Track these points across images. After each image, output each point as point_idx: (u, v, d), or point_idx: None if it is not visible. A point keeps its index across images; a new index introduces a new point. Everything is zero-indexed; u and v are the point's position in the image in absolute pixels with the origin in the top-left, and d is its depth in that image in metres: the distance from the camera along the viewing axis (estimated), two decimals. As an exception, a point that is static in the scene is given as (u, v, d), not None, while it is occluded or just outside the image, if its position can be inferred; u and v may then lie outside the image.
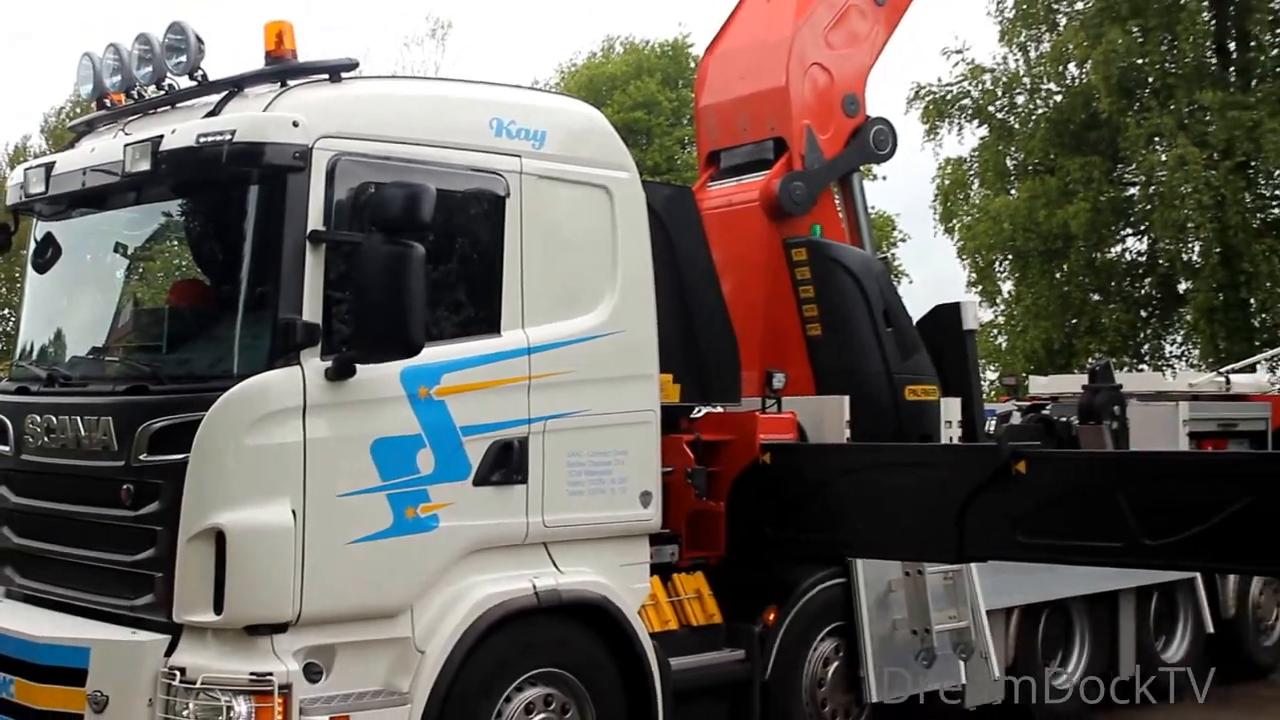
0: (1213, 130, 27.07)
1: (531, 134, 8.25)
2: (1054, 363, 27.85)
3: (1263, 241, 27.37)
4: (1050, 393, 14.37)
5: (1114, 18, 28.89)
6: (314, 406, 7.19)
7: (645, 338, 8.64)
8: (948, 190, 32.07)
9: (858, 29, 11.58)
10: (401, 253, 7.06)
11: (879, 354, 10.75)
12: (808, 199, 11.01)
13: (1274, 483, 7.76)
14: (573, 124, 8.72)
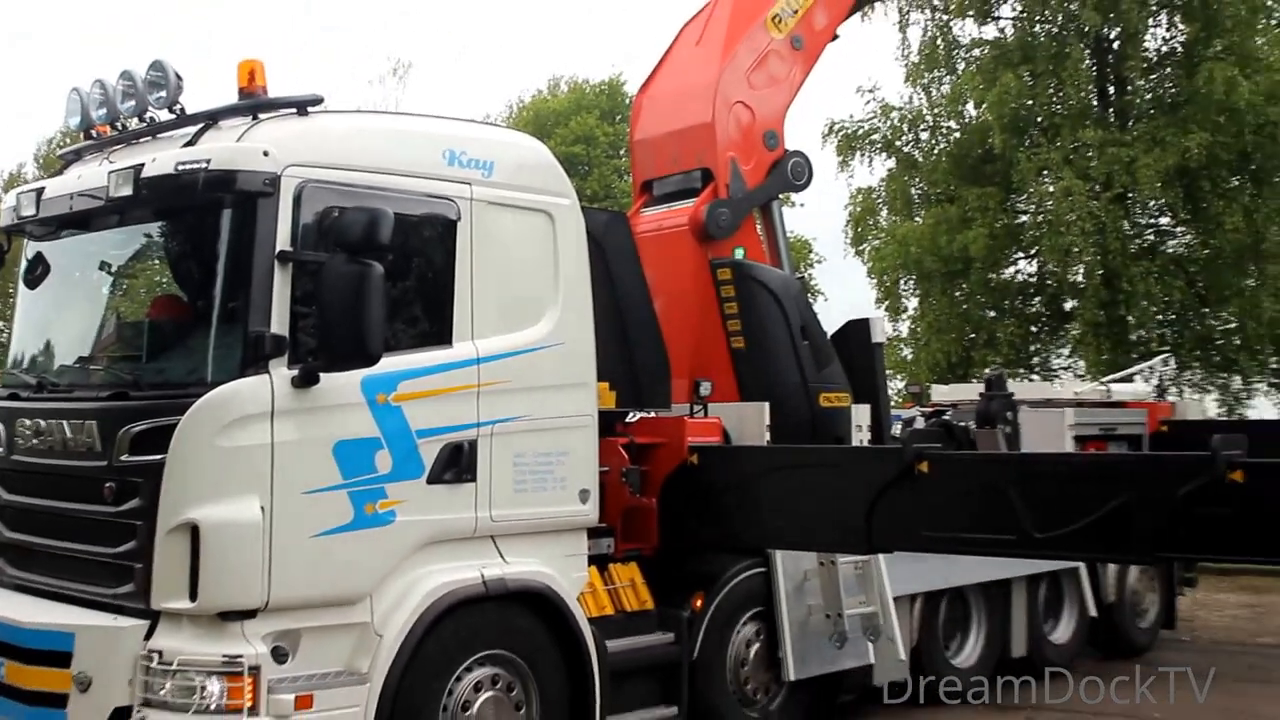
0: (1094, 165, 27.24)
1: (481, 164, 8.28)
2: (954, 373, 27.90)
3: (1139, 265, 27.56)
4: (950, 400, 14.46)
5: (1007, 63, 29.08)
6: (281, 411, 7.18)
7: (584, 349, 8.65)
8: (859, 217, 32.11)
9: (777, 71, 11.64)
10: (362, 271, 7.10)
11: (796, 365, 10.80)
12: (732, 224, 11.06)
13: (1148, 481, 7.83)
14: (518, 155, 8.74)
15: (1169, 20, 29.99)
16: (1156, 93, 29.68)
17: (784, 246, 11.75)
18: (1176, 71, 29.16)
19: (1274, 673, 13.47)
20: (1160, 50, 30.09)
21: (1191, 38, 28.95)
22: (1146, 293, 27.23)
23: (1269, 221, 27.53)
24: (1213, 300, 28.68)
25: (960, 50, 31.11)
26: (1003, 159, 28.49)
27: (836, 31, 12.42)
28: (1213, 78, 26.71)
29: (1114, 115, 29.37)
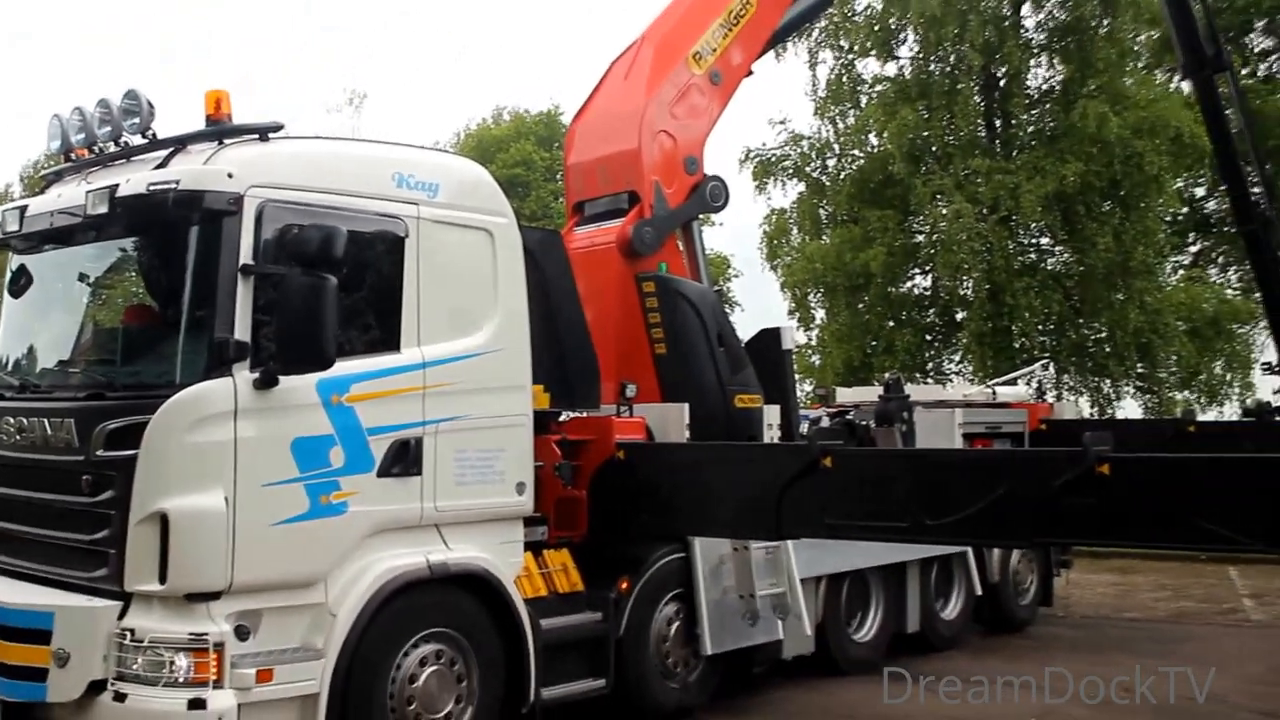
0: (982, 190, 27.52)
1: (427, 186, 8.29)
2: (856, 377, 27.99)
3: (1021, 280, 27.87)
4: (853, 401, 14.49)
5: (905, 98, 29.36)
6: (243, 411, 7.17)
7: (520, 355, 8.67)
8: (772, 235, 32.21)
9: (697, 103, 11.66)
10: (317, 283, 7.13)
11: (713, 369, 10.82)
12: (656, 242, 11.08)
13: (1027, 474, 7.95)
14: (461, 178, 8.76)
15: (1048, 61, 30.44)
16: (1037, 126, 30.06)
17: (703, 262, 11.78)
18: (1055, 107, 29.54)
19: (1136, 643, 13.68)
20: (1041, 88, 30.54)
21: (1068, 77, 29.38)
22: (1028, 305, 27.58)
23: (1136, 242, 27.97)
24: (1086, 312, 29.08)
25: (863, 86, 31.35)
26: (901, 184, 28.75)
27: (751, 68, 12.46)
28: (1087, 113, 27.14)
29: (1000, 146, 29.74)
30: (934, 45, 29.32)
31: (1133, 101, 28.18)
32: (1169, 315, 28.38)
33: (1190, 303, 29.52)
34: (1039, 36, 30.34)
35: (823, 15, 25.10)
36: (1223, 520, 7.05)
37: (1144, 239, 28.31)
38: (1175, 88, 28.76)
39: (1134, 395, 30.70)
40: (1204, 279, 32.95)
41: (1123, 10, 28.46)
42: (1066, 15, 29.48)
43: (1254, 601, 16.78)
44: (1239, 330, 30.30)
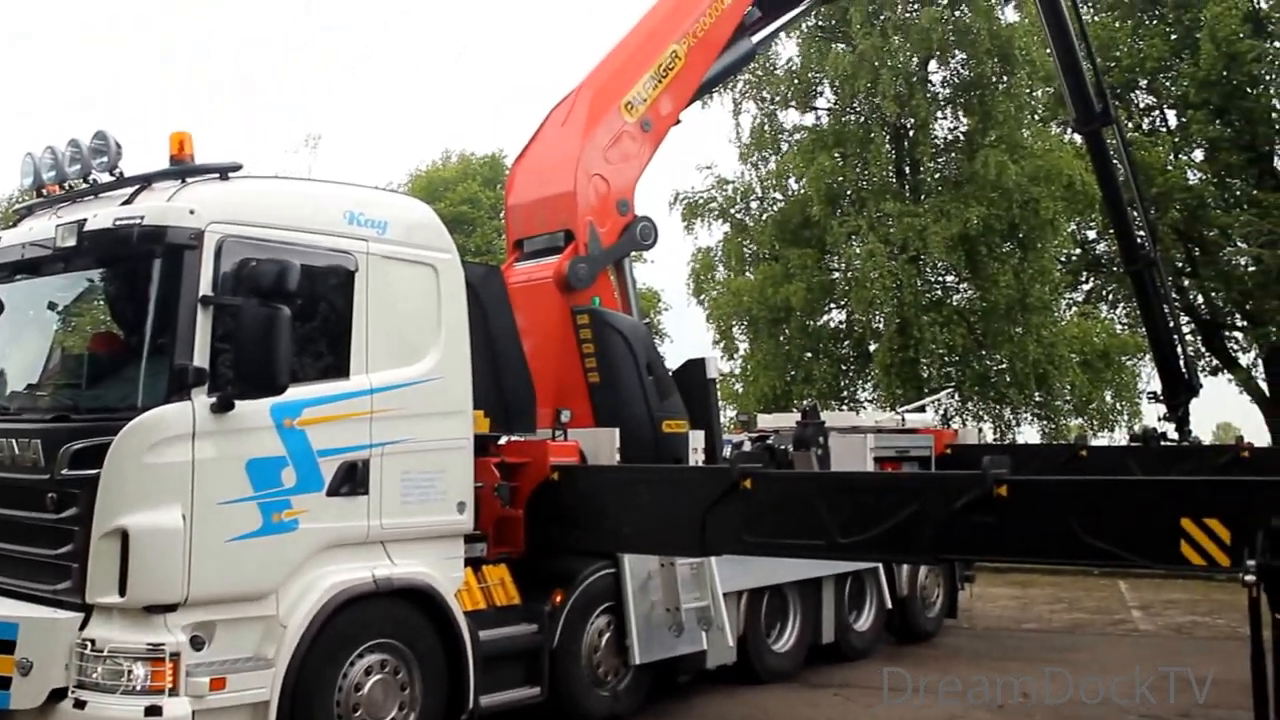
0: (893, 231, 27.86)
1: (376, 223, 8.32)
2: (777, 404, 28.19)
3: (929, 315, 28.23)
4: (774, 427, 14.58)
5: (822, 146, 29.72)
6: (201, 433, 7.16)
7: (462, 382, 8.70)
8: (699, 272, 32.41)
9: (629, 149, 11.74)
10: (272, 314, 7.16)
11: (643, 397, 10.87)
12: (589, 277, 11.14)
13: (931, 495, 8.03)
14: (409, 216, 8.79)
15: (953, 114, 30.98)
16: (943, 173, 30.54)
17: (633, 296, 11.85)
18: (959, 156, 30.03)
19: (1034, 651, 13.86)
20: (946, 138, 31.07)
21: (971, 129, 29.92)
22: (934, 338, 27.92)
23: (1033, 280, 28.47)
24: (988, 345, 29.46)
25: (784, 134, 31.70)
26: (819, 225, 29.04)
27: (680, 117, 12.56)
28: (988, 162, 27.62)
29: (909, 190, 30.15)
30: (849, 97, 29.69)
31: (1029, 151, 28.74)
32: (1064, 348, 28.90)
33: (1083, 337, 30.11)
34: (944, 91, 30.92)
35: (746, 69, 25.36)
36: (1109, 537, 7.20)
37: (1040, 277, 28.84)
38: (1067, 139, 29.33)
39: (1032, 422, 31.16)
40: (1095, 315, 33.58)
41: (1020, 68, 29.05)
42: (969, 72, 30.04)
43: (1142, 612, 17.06)
44: (1127, 362, 30.91)
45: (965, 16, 29.37)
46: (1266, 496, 6.82)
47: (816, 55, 30.16)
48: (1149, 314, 19.71)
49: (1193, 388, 19.14)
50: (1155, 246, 19.60)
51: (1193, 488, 7.54)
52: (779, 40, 28.68)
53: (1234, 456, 14.43)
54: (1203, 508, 6.92)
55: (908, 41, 28.96)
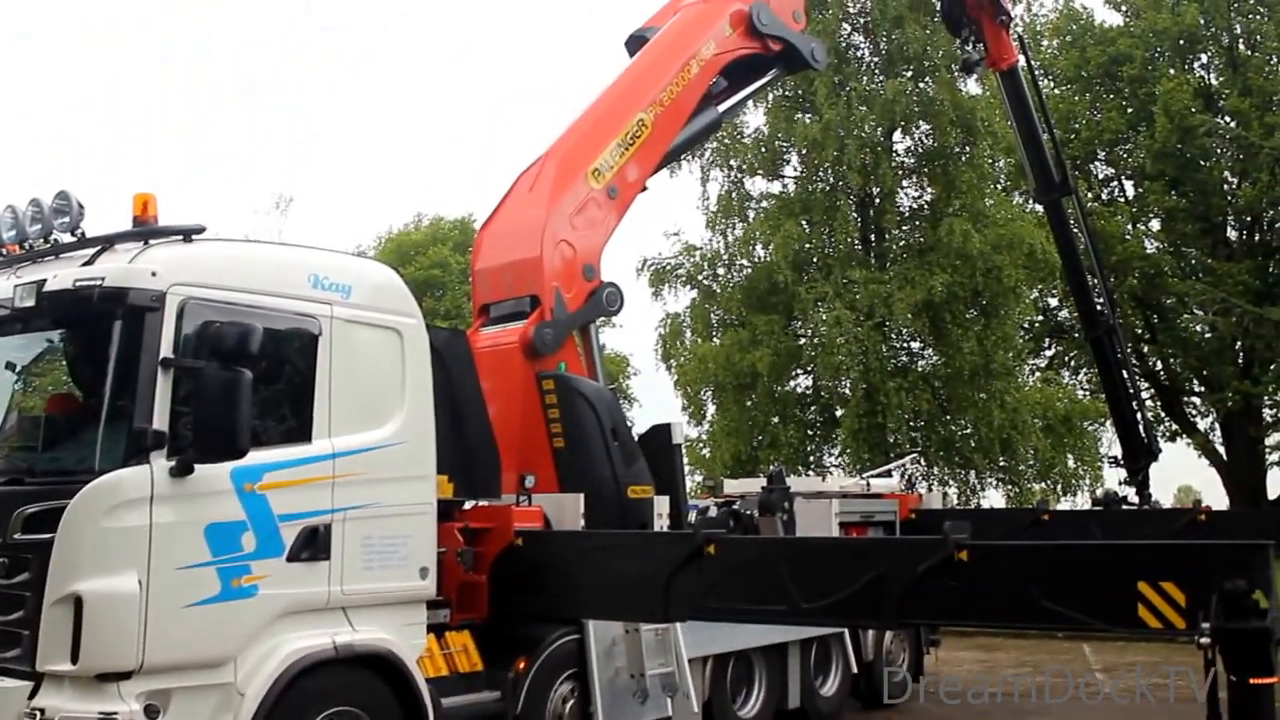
0: (859, 298, 28.00)
1: (341, 287, 8.23)
2: (743, 469, 28.15)
3: (894, 380, 28.31)
4: (740, 492, 14.49)
5: (789, 213, 29.91)
6: (159, 497, 7.01)
7: (425, 447, 8.58)
8: (667, 337, 32.42)
9: (595, 216, 11.72)
10: (233, 377, 7.03)
11: (608, 462, 10.77)
12: (555, 343, 11.06)
13: (894, 560, 7.96)
14: (374, 281, 8.71)
15: (917, 183, 31.26)
16: (908, 240, 30.77)
17: (599, 362, 11.78)
18: (924, 224, 30.28)
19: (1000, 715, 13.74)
20: (911, 206, 31.32)
21: (935, 197, 30.21)
22: (900, 404, 27.96)
23: (996, 347, 28.62)
24: (953, 410, 29.54)
25: (751, 202, 31.86)
26: (786, 292, 29.12)
27: (646, 184, 12.58)
28: (952, 230, 27.84)
29: (875, 258, 30.33)
30: (815, 166, 29.95)
31: (992, 220, 29.02)
32: (1027, 413, 28.99)
33: (1045, 402, 30.24)
34: (909, 160, 31.20)
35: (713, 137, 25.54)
36: (1068, 602, 7.15)
37: (1004, 344, 29.01)
38: (1029, 209, 29.62)
39: (997, 486, 31.20)
40: (1058, 380, 33.80)
41: (982, 139, 29.39)
42: (933, 142, 30.36)
43: (1105, 675, 16.95)
44: (1088, 427, 31.04)
45: (929, 88, 29.74)
46: (1220, 560, 6.82)
47: (784, 124, 30.41)
48: (1109, 380, 19.82)
49: (1152, 452, 19.25)
50: (1114, 314, 19.75)
51: (1148, 552, 7.53)
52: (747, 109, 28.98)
53: (1191, 520, 14.45)
54: (1158, 572, 6.91)
55: (873, 112, 29.26)
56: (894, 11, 28.86)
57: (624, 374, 48.75)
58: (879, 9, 29.24)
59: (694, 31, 12.94)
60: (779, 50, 13.56)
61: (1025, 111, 18.80)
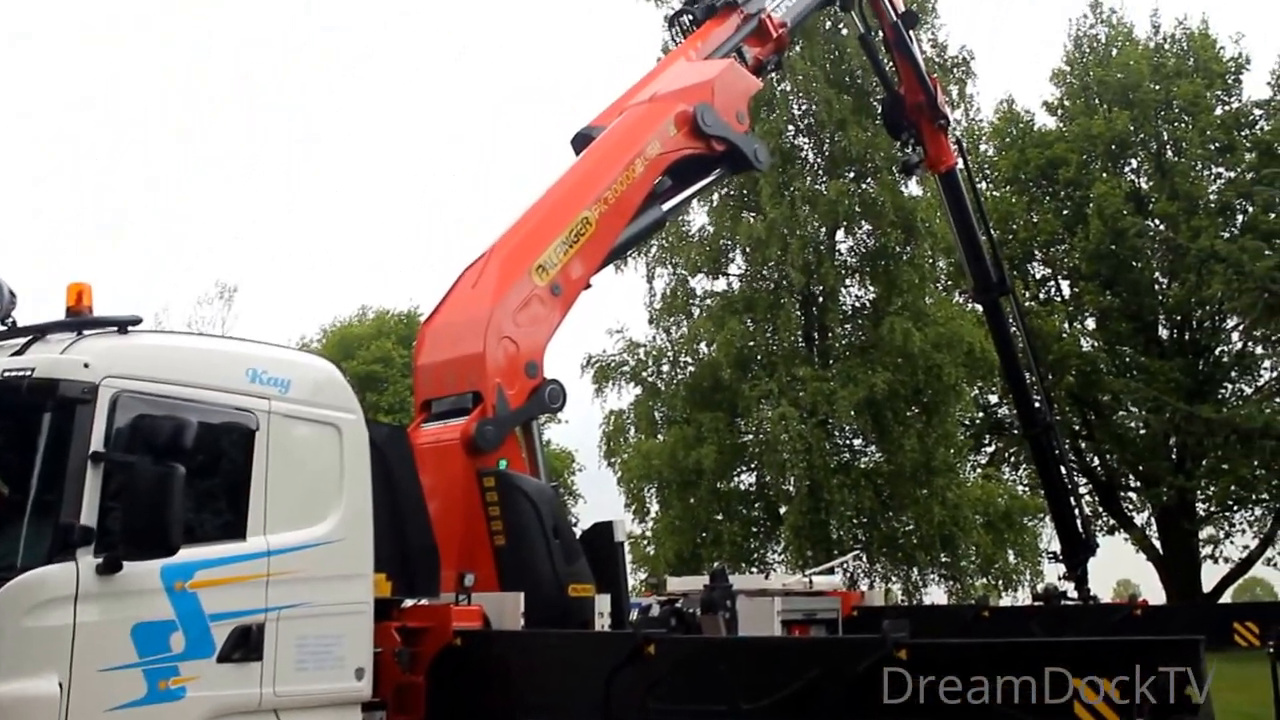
0: (803, 395, 28.13)
1: (279, 382, 8.07)
2: (687, 566, 27.99)
3: (837, 478, 28.36)
4: (683, 590, 14.36)
5: (733, 311, 30.11)
6: (85, 595, 6.75)
7: (363, 544, 8.37)
8: (611, 434, 32.32)
9: (538, 313, 11.64)
10: (166, 473, 6.82)
11: (549, 560, 10.58)
12: (496, 440, 10.91)
13: (834, 659, 7.89)
14: (313, 376, 8.56)
15: (860, 282, 31.61)
16: (851, 339, 31.03)
17: (541, 459, 11.63)
18: (866, 322, 30.58)
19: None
20: (853, 305, 31.63)
21: (877, 296, 30.52)
22: (843, 501, 27.99)
23: (938, 444, 28.78)
24: (895, 507, 29.62)
25: (696, 299, 32.02)
26: (730, 389, 29.20)
27: (591, 281, 12.55)
28: (893, 328, 28.11)
29: (818, 355, 30.53)
30: (759, 264, 30.21)
31: (933, 319, 29.33)
32: (968, 510, 29.10)
33: (986, 498, 30.36)
34: (851, 260, 31.57)
35: (660, 234, 25.72)
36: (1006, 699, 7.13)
37: (945, 441, 29.17)
38: (968, 308, 29.99)
39: (939, 582, 31.18)
40: (998, 477, 34.01)
41: (922, 239, 29.83)
42: (875, 242, 30.78)
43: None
44: (1028, 523, 31.18)
45: (871, 189, 30.20)
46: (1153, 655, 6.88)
47: (728, 223, 30.70)
48: (1047, 476, 19.94)
49: (1090, 547, 19.35)
50: (1052, 411, 19.94)
51: (1084, 649, 7.53)
52: (692, 207, 29.28)
53: (1127, 615, 14.49)
54: (1094, 668, 6.95)
55: (816, 212, 29.63)
56: (837, 114, 29.34)
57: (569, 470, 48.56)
58: (823, 112, 29.73)
59: (639, 131, 13.02)
60: (723, 151, 13.64)
61: (964, 213, 19.09)
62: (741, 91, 14.05)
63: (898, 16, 18.14)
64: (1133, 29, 37.35)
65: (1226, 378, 35.77)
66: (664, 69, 14.32)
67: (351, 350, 46.52)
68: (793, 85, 30.45)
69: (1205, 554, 35.61)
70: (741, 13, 14.99)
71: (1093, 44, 37.71)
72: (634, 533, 30.69)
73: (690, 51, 14.54)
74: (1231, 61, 36.32)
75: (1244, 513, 35.78)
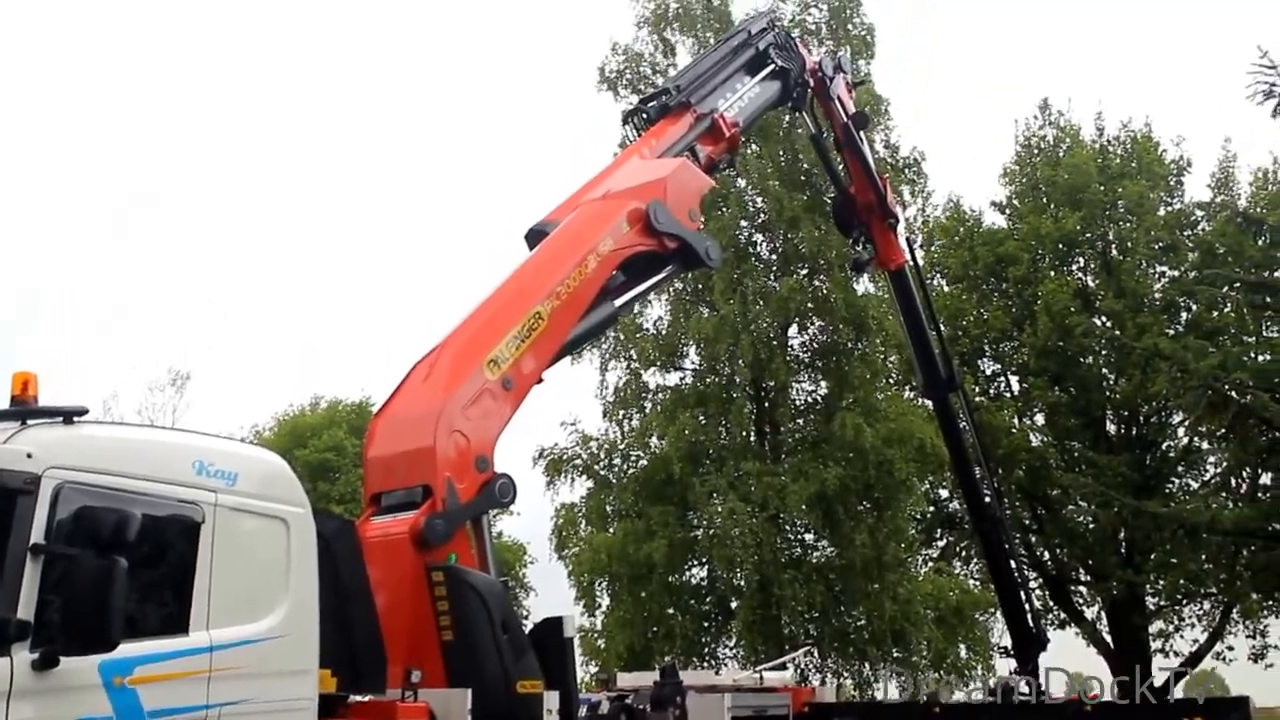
0: (754, 490, 28.09)
1: (226, 475, 8.03)
2: (638, 660, 27.69)
3: (789, 572, 28.27)
4: (633, 685, 14.27)
5: (685, 405, 30.13)
6: (19, 692, 6.61)
7: (308, 640, 8.28)
8: (562, 527, 32.06)
9: (489, 407, 11.62)
10: (107, 566, 6.75)
11: (497, 656, 10.47)
12: (446, 534, 10.83)
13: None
14: (261, 469, 8.52)
15: (811, 377, 31.79)
16: (802, 433, 31.12)
17: (491, 553, 11.52)
18: (817, 418, 30.70)
19: None
20: (805, 400, 31.77)
21: (828, 391, 30.69)
22: (794, 595, 27.88)
23: (889, 539, 28.82)
24: (847, 601, 29.50)
25: (649, 393, 32.04)
26: (681, 483, 29.11)
27: (542, 376, 12.57)
28: (845, 424, 28.24)
29: (769, 450, 30.56)
30: (711, 359, 30.33)
31: (883, 414, 29.50)
32: (919, 604, 29.09)
33: (937, 593, 30.36)
34: (803, 355, 31.78)
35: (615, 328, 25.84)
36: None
37: (896, 536, 29.22)
38: (919, 403, 30.22)
39: (891, 677, 30.98)
40: (949, 571, 34.00)
41: (873, 335, 30.11)
42: (826, 337, 31.02)
43: None
44: (980, 617, 31.19)
45: (823, 286, 30.49)
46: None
47: (682, 318, 30.89)
48: (997, 570, 20.04)
49: (1041, 641, 19.39)
50: (1002, 506, 20.10)
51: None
52: (648, 302, 29.50)
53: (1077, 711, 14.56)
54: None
55: (768, 308, 29.86)
56: (790, 212, 29.72)
57: (520, 562, 48.15)
58: (775, 210, 30.11)
59: (592, 227, 13.15)
60: (675, 248, 13.79)
61: (913, 310, 19.37)
62: (694, 190, 14.25)
63: (848, 117, 18.53)
64: (1080, 130, 38.20)
65: (1174, 473, 36.12)
66: (618, 166, 14.51)
67: (303, 439, 46.19)
68: (748, 183, 30.85)
69: (1156, 648, 35.72)
70: (695, 112, 15.27)
71: (1041, 144, 38.53)
72: (584, 626, 30.38)
73: (644, 149, 14.76)
74: (1173, 164, 37.17)
75: (1193, 606, 35.96)
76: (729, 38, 17.56)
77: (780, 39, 17.38)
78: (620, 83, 32.16)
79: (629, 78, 32.15)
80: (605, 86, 32.18)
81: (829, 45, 30.35)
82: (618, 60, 32.36)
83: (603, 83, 32.20)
